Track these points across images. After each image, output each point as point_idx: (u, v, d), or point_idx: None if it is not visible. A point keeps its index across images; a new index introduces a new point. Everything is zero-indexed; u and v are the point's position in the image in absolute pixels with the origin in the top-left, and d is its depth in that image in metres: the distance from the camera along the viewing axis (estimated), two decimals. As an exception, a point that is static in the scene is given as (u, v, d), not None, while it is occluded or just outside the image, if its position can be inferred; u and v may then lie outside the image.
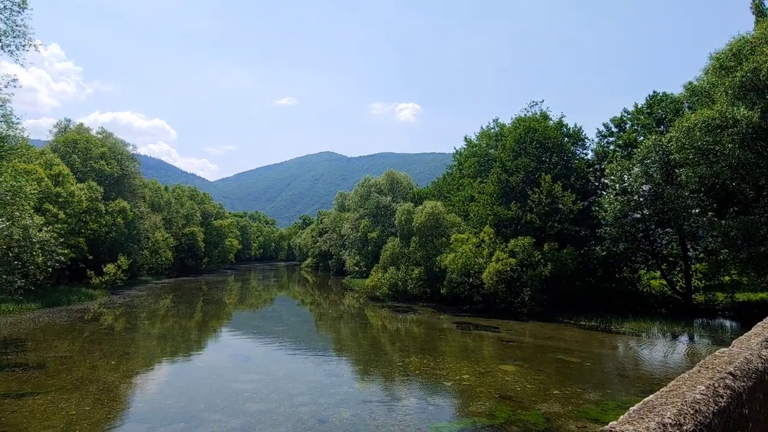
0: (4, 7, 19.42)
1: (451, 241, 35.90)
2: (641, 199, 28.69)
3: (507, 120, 44.81)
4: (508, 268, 30.63)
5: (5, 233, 19.03)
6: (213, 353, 21.81)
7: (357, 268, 62.35)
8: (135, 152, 59.40)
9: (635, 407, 2.43)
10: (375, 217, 59.57)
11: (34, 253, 22.03)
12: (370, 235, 57.82)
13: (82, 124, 55.66)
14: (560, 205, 31.62)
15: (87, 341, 22.58)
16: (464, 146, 48.27)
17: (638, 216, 29.90)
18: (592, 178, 35.83)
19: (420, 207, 40.97)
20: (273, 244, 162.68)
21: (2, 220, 19.64)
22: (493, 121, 45.08)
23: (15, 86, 21.16)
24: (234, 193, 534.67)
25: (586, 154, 37.18)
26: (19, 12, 19.66)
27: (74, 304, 35.31)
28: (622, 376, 17.23)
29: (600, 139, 36.66)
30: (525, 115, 38.72)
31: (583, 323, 28.02)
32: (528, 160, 34.03)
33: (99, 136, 55.28)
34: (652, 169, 28.06)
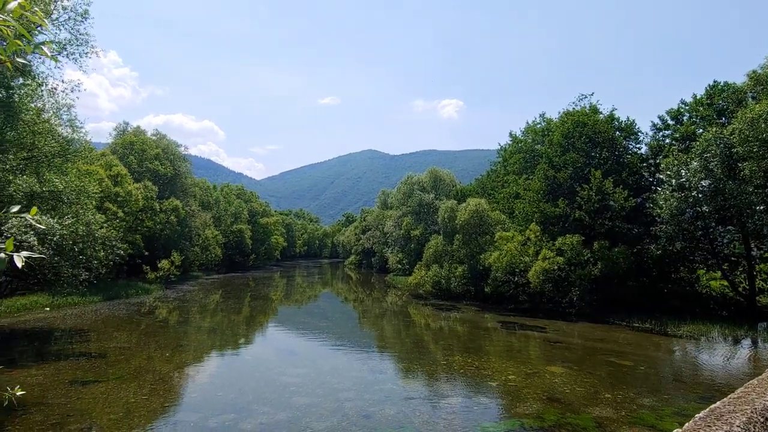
0: (69, 18, 20.65)
1: (495, 239, 35.27)
2: (700, 195, 27.12)
3: (554, 114, 43.51)
4: (556, 267, 29.76)
5: (71, 229, 20.28)
6: (260, 347, 22.40)
7: (400, 266, 62.43)
8: (186, 153, 61.76)
9: (701, 414, 2.27)
10: (418, 215, 59.38)
11: (97, 248, 23.38)
12: (413, 233, 57.70)
13: (138, 127, 58.49)
14: (611, 202, 30.39)
15: (143, 333, 23.74)
16: (509, 142, 47.30)
17: (697, 213, 28.30)
18: (646, 174, 34.18)
19: (463, 204, 40.48)
20: (317, 242, 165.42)
21: (68, 218, 20.94)
22: (540, 116, 43.92)
23: (79, 91, 22.47)
24: (279, 192, 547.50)
25: (640, 149, 35.49)
26: (81, 21, 20.86)
27: (132, 298, 37.22)
28: (679, 382, 16.37)
29: (655, 133, 34.88)
30: (573, 109, 37.45)
31: (637, 325, 26.84)
32: (576, 156, 32.90)
33: (153, 137, 57.92)
34: (712, 164, 26.46)
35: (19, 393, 3.56)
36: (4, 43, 2.04)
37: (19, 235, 17.75)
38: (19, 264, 2.07)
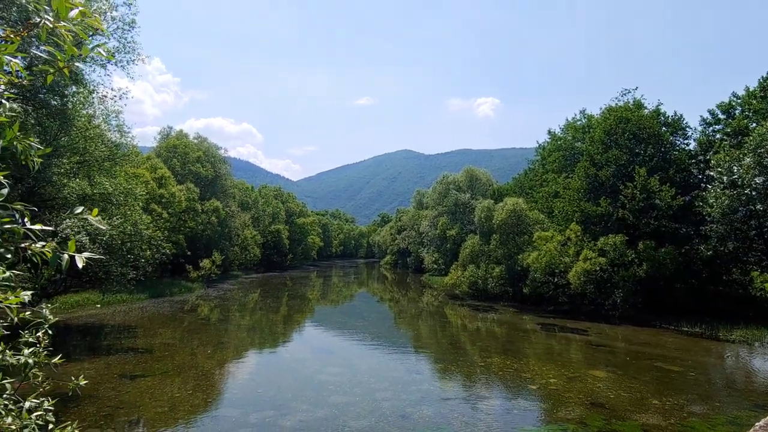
0: (117, 27, 21.58)
1: (534, 239, 34.53)
2: (754, 193, 25.65)
3: (595, 111, 42.21)
4: (597, 268, 28.84)
5: (120, 230, 21.21)
6: (298, 345, 22.74)
7: (435, 266, 62.08)
8: (226, 155, 63.45)
9: (761, 423, 2.12)
10: (453, 215, 58.89)
11: (143, 247, 24.34)
12: (448, 233, 57.28)
13: (181, 131, 60.56)
14: (657, 201, 29.18)
15: (186, 330, 24.55)
16: (548, 140, 46.20)
17: (750, 211, 26.79)
18: (694, 171, 32.63)
19: (500, 204, 39.84)
20: (353, 242, 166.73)
21: (117, 218, 21.90)
22: (580, 112, 42.69)
23: (126, 98, 23.47)
24: (315, 192, 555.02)
25: (688, 145, 33.90)
26: (129, 30, 21.75)
27: (175, 296, 38.56)
28: (731, 389, 15.55)
29: (704, 128, 33.22)
30: (616, 104, 36.18)
31: (686, 329, 25.70)
32: (619, 153, 31.77)
33: (195, 141, 59.83)
34: (767, 160, 25.01)
35: (82, 382, 3.73)
36: (63, 50, 2.13)
37: (73, 234, 18.67)
38: (80, 265, 2.16)
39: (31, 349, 3.26)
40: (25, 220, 2.19)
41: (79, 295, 30.63)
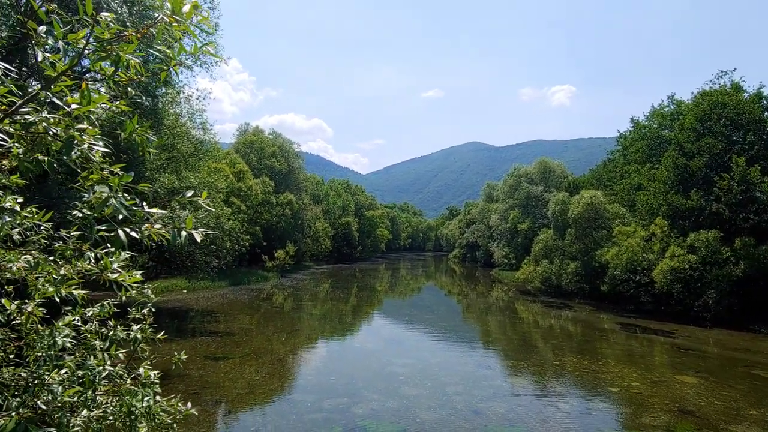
0: (201, 30, 22.91)
1: (613, 234, 32.59)
2: None
3: (685, 96, 38.95)
4: (686, 266, 26.70)
5: (204, 222, 22.67)
6: (368, 336, 23.14)
7: (506, 260, 60.58)
8: (298, 149, 65.68)
9: None
10: (525, 208, 57.07)
11: (224, 238, 25.83)
12: (519, 227, 55.62)
13: (257, 127, 63.45)
14: (758, 193, 26.43)
15: (262, 317, 25.80)
16: (630, 129, 43.28)
17: None
18: (804, 160, 29.19)
19: (576, 197, 37.97)
20: (421, 235, 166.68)
21: (201, 211, 23.41)
22: (668, 98, 39.59)
23: (209, 98, 24.94)
24: (384, 185, 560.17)
25: (795, 131, 30.37)
26: (212, 33, 23.03)
27: (252, 284, 40.64)
28: None
29: (816, 112, 29.61)
30: (710, 88, 33.13)
31: (790, 335, 23.17)
32: (714, 141, 29.09)
33: (270, 136, 62.44)
34: None
35: (183, 357, 4.04)
36: (175, 48, 2.28)
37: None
38: (199, 239, 2.33)
39: (139, 326, 3.57)
40: (144, 204, 2.38)
41: (168, 281, 33.17)
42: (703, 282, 26.55)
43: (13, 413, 2.57)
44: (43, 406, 2.62)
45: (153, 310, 3.70)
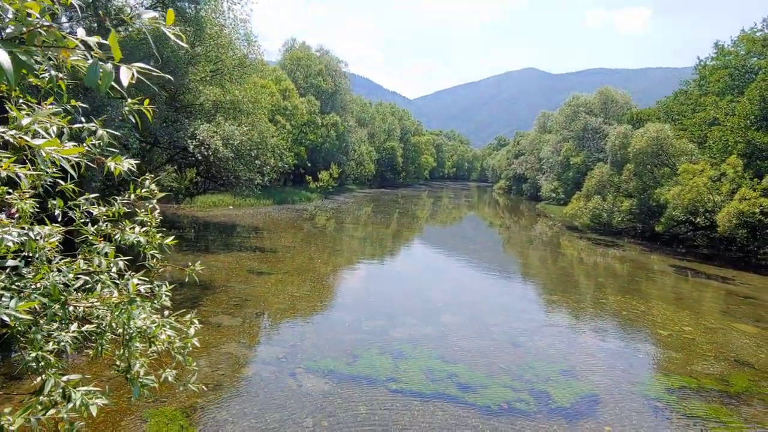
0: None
1: (678, 172, 30.21)
2: None
3: (784, 18, 33.94)
4: (758, 211, 24.58)
5: (247, 136, 22.42)
6: (407, 260, 23.08)
7: (553, 195, 58.55)
8: (346, 69, 63.50)
9: None
10: (581, 140, 53.94)
11: (268, 155, 25.68)
12: (572, 160, 52.95)
13: (304, 42, 61.34)
14: None
15: (305, 235, 26.14)
16: (712, 55, 38.70)
17: None
18: None
19: (640, 130, 35.07)
20: (466, 164, 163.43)
21: (245, 125, 23.11)
22: (763, 20, 34.64)
23: (253, 2, 23.65)
24: (431, 111, 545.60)
25: None
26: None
27: (296, 204, 41.21)
28: None
29: None
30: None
31: None
32: (812, 71, 25.56)
33: (317, 53, 60.37)
34: None
35: (198, 268, 3.63)
36: None
37: (207, 139, 20.07)
38: (125, 81, 1.72)
39: (144, 228, 3.12)
40: (78, 30, 1.78)
41: (215, 197, 34.01)
42: (774, 228, 24.52)
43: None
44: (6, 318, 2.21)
45: (158, 207, 3.22)
